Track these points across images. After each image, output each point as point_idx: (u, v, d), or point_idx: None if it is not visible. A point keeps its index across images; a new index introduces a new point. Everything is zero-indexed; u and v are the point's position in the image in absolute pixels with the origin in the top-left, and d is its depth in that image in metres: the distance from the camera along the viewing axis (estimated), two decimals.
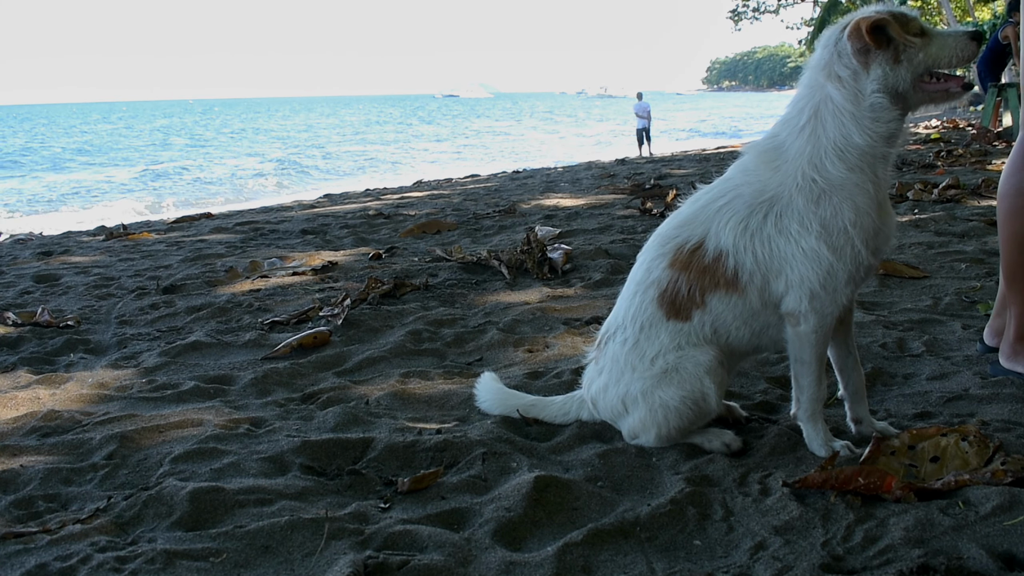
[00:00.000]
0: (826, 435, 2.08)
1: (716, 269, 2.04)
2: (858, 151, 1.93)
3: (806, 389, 2.08)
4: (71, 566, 1.68)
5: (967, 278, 3.80)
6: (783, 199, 1.99)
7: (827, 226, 1.94)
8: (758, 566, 1.60)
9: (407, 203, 8.01)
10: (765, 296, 2.03)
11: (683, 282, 2.07)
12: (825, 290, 1.97)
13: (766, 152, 2.04)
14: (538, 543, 1.74)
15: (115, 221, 9.44)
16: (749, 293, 2.03)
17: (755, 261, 2.00)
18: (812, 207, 1.95)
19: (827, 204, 1.95)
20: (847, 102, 1.92)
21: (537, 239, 4.41)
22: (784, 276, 2.00)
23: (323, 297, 4.01)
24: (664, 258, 2.11)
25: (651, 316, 2.12)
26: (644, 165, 11.12)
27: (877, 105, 1.91)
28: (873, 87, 1.90)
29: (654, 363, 2.09)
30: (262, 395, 2.74)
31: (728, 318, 2.06)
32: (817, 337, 2.02)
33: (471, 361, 3.03)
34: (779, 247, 1.98)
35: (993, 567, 1.51)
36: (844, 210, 1.94)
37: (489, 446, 2.15)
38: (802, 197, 1.96)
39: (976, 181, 6.67)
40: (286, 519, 1.81)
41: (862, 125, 1.93)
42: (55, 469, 2.14)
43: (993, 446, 1.93)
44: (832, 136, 1.94)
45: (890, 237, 2.05)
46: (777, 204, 1.99)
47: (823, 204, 1.95)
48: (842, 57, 1.92)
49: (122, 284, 4.65)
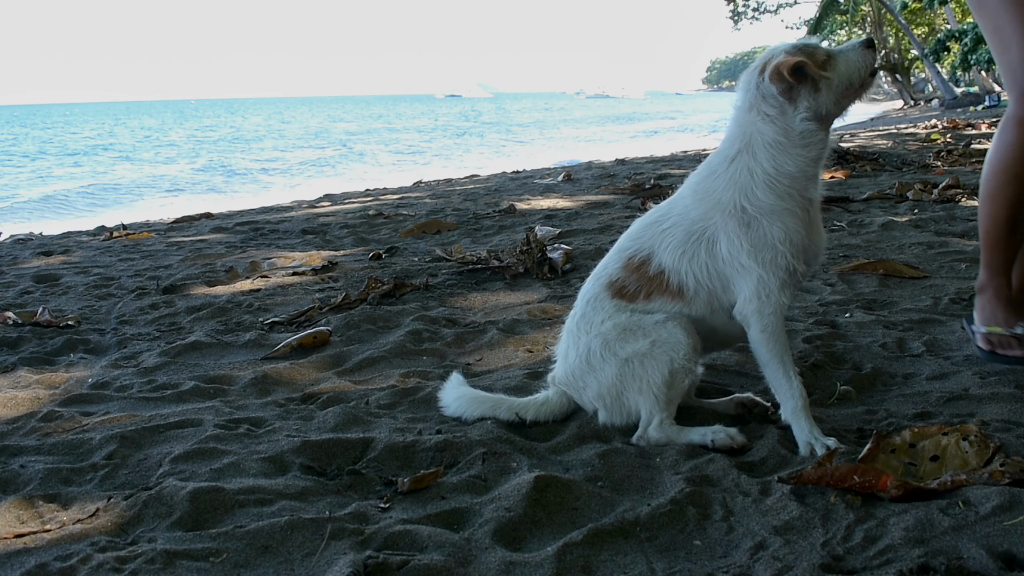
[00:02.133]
0: (811, 433, 2.09)
1: (661, 281, 2.23)
2: (789, 178, 2.12)
3: (777, 389, 2.17)
4: (71, 566, 1.68)
5: (967, 278, 3.79)
6: (712, 227, 2.18)
7: (756, 245, 2.13)
8: (758, 566, 1.60)
9: (407, 203, 8.01)
10: (714, 305, 2.22)
11: (632, 281, 2.27)
12: (761, 297, 2.12)
13: (700, 184, 2.24)
14: (538, 543, 1.75)
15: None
16: (695, 303, 2.21)
17: (696, 281, 2.19)
18: (743, 231, 2.14)
19: (756, 228, 2.13)
20: (779, 136, 2.11)
21: (537, 239, 4.41)
22: (729, 289, 2.18)
23: (323, 297, 4.01)
24: (619, 262, 2.32)
25: (598, 294, 2.31)
26: (644, 165, 11.12)
27: (807, 132, 2.12)
28: (802, 116, 2.10)
29: (603, 323, 2.25)
30: (262, 395, 2.75)
31: (674, 312, 2.23)
32: (767, 336, 2.14)
33: (471, 361, 3.03)
34: (715, 269, 2.18)
35: (993, 567, 1.51)
36: (774, 231, 2.12)
37: (489, 446, 2.15)
38: (732, 222, 2.15)
39: (976, 181, 6.66)
40: (286, 519, 1.81)
41: (793, 154, 2.12)
42: (55, 469, 2.14)
43: (993, 447, 1.93)
44: (765, 167, 2.12)
45: (819, 253, 2.25)
46: (708, 231, 2.19)
47: (753, 228, 2.14)
48: (767, 98, 2.11)
49: (122, 284, 4.65)
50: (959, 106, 26.89)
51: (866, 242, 4.72)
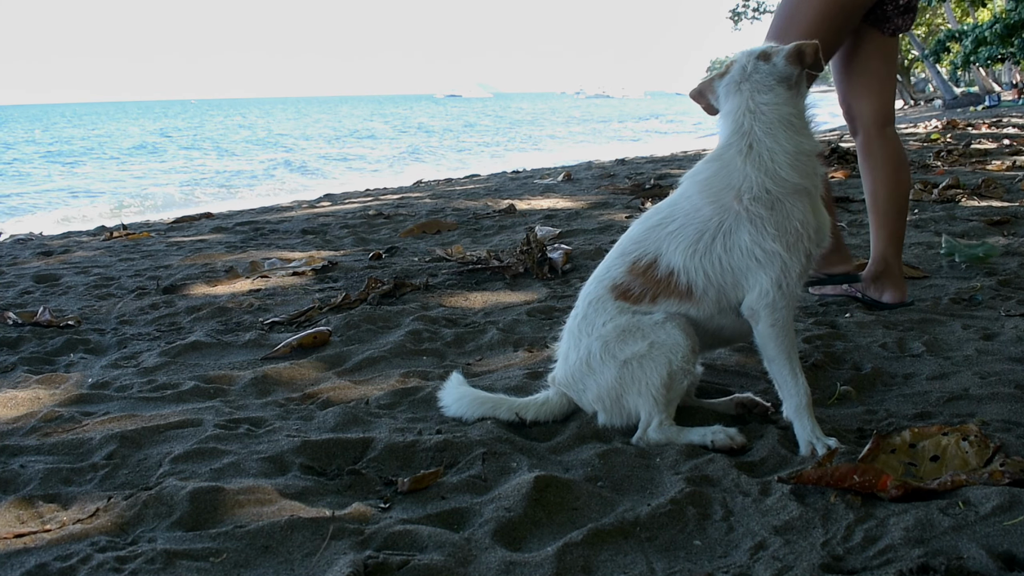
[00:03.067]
0: (813, 432, 2.09)
1: (670, 282, 2.21)
2: (807, 156, 2.17)
3: (782, 386, 2.16)
4: (71, 566, 1.68)
5: (967, 278, 3.80)
6: (729, 219, 2.16)
7: (780, 228, 2.13)
8: (758, 566, 1.60)
9: (407, 203, 8.01)
10: (723, 303, 2.20)
11: (637, 284, 2.25)
12: (780, 287, 2.12)
13: (710, 180, 2.22)
14: (538, 543, 1.75)
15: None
16: (703, 303, 2.20)
17: (707, 279, 2.18)
18: (768, 214, 2.13)
19: (780, 209, 2.13)
20: (795, 117, 2.17)
21: (537, 239, 4.41)
22: (740, 285, 2.17)
23: (323, 297, 4.01)
24: (623, 265, 2.29)
25: (601, 296, 2.29)
26: (644, 165, 11.12)
27: (811, 112, 2.23)
28: (805, 97, 2.23)
29: (604, 325, 2.24)
30: (262, 395, 2.75)
31: (676, 312, 2.23)
32: (777, 331, 2.14)
33: (471, 361, 3.03)
34: (730, 264, 2.16)
35: (993, 567, 1.51)
36: (795, 212, 2.14)
37: (489, 446, 2.15)
38: (757, 206, 2.13)
39: (976, 181, 6.67)
40: (286, 519, 1.81)
41: (807, 133, 2.20)
42: (55, 469, 2.14)
43: (993, 447, 1.93)
44: (786, 147, 2.15)
45: (827, 234, 2.25)
46: (725, 224, 2.17)
47: (776, 210, 2.13)
48: (782, 80, 2.17)
49: (122, 284, 4.65)
50: (959, 106, 26.89)
51: (866, 242, 4.72)
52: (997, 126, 14.76)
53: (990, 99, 26.38)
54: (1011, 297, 3.44)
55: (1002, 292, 3.53)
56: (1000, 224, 5.00)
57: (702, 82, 2.35)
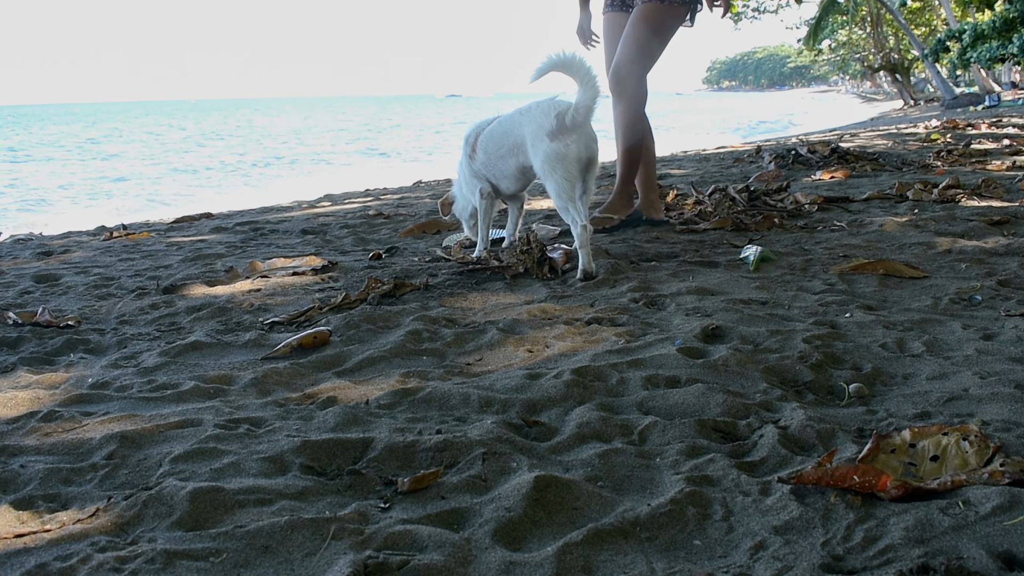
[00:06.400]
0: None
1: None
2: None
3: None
4: (71, 566, 1.68)
5: (967, 278, 3.80)
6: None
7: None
8: (758, 566, 1.60)
9: (407, 203, 8.01)
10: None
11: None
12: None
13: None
14: (538, 543, 1.75)
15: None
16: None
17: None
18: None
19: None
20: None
21: (537, 239, 4.41)
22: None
23: (323, 297, 4.01)
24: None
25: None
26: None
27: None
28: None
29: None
30: (262, 395, 2.74)
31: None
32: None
33: (471, 361, 3.03)
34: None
35: (993, 567, 1.51)
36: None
37: (489, 446, 2.15)
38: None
39: (976, 181, 6.67)
40: (286, 519, 1.81)
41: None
42: (55, 469, 2.14)
43: (993, 447, 1.93)
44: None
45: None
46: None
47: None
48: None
49: (122, 284, 4.65)
50: (959, 106, 26.89)
51: (866, 242, 4.72)
52: (997, 126, 14.76)
53: (990, 99, 26.38)
54: (1011, 297, 3.44)
55: (1002, 292, 3.53)
56: (1000, 224, 5.01)
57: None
